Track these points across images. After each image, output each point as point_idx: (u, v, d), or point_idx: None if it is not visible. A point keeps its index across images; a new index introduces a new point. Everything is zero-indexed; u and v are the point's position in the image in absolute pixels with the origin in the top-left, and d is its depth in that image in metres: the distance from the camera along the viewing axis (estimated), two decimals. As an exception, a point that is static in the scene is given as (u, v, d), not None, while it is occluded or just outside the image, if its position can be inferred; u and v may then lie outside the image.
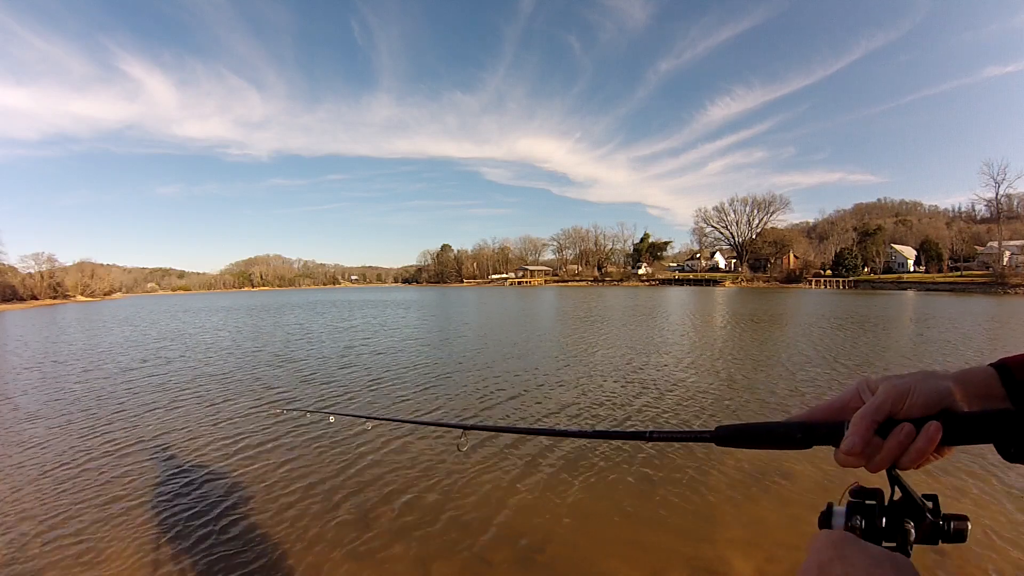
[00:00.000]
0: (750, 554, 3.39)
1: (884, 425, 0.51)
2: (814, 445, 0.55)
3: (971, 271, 60.72)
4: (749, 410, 6.97)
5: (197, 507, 4.27)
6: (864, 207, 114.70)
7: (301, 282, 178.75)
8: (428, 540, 3.67)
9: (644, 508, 4.06)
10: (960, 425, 0.50)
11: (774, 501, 4.10)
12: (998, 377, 0.54)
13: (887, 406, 0.52)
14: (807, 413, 0.58)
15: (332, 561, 3.44)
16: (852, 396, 0.56)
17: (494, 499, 4.27)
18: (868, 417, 0.52)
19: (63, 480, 4.96)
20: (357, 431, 6.13)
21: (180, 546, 3.66)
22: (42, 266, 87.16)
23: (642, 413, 6.89)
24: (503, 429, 1.17)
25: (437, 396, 8.14)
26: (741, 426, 0.59)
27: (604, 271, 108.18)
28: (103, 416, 7.37)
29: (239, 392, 8.72)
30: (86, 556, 3.56)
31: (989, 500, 4.06)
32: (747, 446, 0.58)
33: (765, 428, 0.58)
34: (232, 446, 5.84)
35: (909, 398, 0.51)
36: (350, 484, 4.65)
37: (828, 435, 0.54)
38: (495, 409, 7.27)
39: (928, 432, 0.49)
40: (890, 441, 0.50)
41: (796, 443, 0.56)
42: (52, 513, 4.24)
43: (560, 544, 3.58)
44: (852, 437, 0.51)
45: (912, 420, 0.51)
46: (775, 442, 0.57)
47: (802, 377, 8.95)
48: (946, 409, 0.51)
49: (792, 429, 0.56)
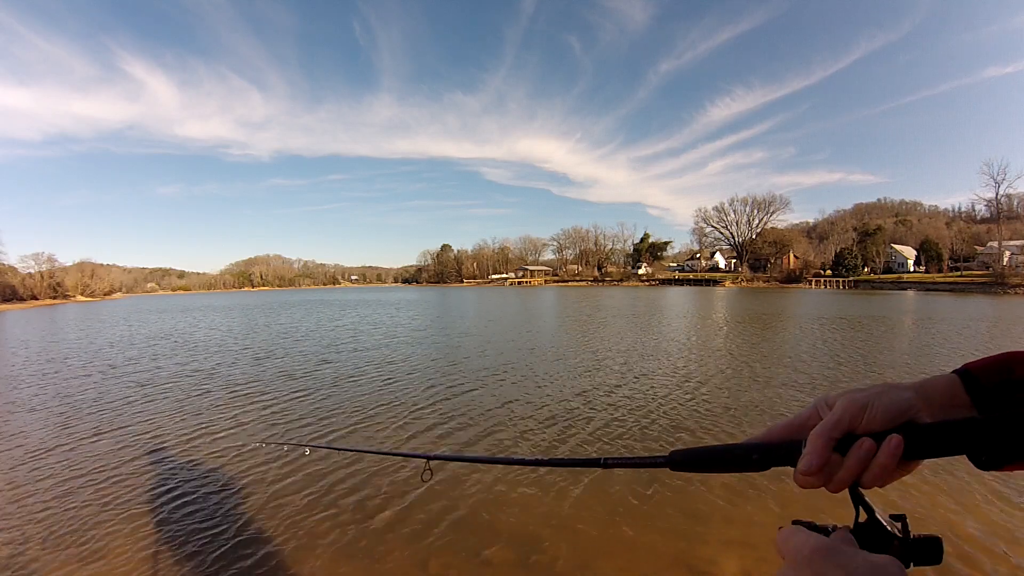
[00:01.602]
0: (745, 554, 3.40)
1: (843, 442, 0.49)
2: (771, 467, 0.53)
3: (971, 271, 60.71)
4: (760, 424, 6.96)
5: (190, 505, 4.29)
6: (864, 207, 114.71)
7: (301, 282, 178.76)
8: (427, 540, 3.69)
9: (641, 509, 4.07)
10: (924, 437, 0.47)
11: (770, 501, 4.11)
12: (962, 384, 0.52)
13: (845, 421, 0.49)
14: (764, 433, 0.56)
15: (332, 561, 3.45)
16: (811, 414, 0.54)
17: (491, 501, 4.28)
18: (825, 434, 0.49)
19: (61, 480, 4.98)
20: (353, 428, 6.13)
21: (177, 546, 3.68)
22: (42, 266, 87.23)
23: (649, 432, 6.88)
24: (466, 459, 1.17)
25: (400, 403, 8.13)
26: (696, 450, 0.58)
27: (604, 271, 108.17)
28: (89, 411, 7.39)
29: (229, 398, 8.73)
30: (85, 555, 3.57)
31: (961, 514, 3.98)
32: (702, 470, 0.57)
33: (720, 451, 0.56)
34: (229, 445, 5.86)
35: (868, 412, 0.49)
36: (350, 483, 4.67)
37: (785, 455, 0.52)
38: (465, 431, 6.36)
39: (889, 446, 0.47)
40: (850, 458, 0.48)
41: (752, 465, 0.54)
42: (51, 512, 4.26)
43: (558, 544, 3.59)
44: (809, 456, 0.49)
45: (872, 435, 0.48)
46: (731, 465, 0.56)
47: (821, 386, 8.93)
48: (909, 421, 0.49)
49: (748, 451, 0.54)
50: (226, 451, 5.68)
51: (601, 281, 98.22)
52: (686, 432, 6.05)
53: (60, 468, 5.29)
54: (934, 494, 4.20)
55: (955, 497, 4.15)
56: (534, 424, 6.49)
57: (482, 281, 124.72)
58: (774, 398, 7.53)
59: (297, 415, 7.18)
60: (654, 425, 6.33)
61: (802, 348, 12.50)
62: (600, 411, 7.01)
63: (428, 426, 6.49)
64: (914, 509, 3.96)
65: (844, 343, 13.20)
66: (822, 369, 9.73)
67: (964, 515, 3.87)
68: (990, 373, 0.52)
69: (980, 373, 0.52)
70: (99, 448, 5.92)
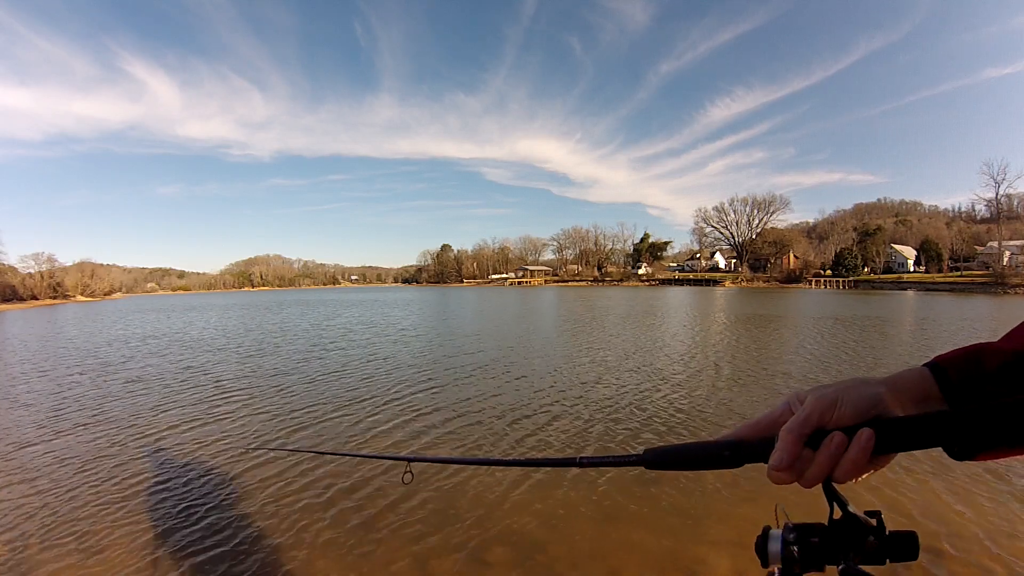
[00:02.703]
0: (739, 555, 3.36)
1: (814, 437, 0.49)
2: (744, 463, 0.54)
3: (971, 271, 60.68)
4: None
5: (184, 505, 4.25)
6: (864, 207, 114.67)
7: (301, 282, 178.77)
8: (426, 540, 3.64)
9: (639, 509, 4.03)
10: (894, 431, 0.47)
11: (764, 497, 4.06)
12: (933, 378, 0.52)
13: (815, 417, 0.49)
14: (737, 430, 0.56)
15: (332, 560, 3.41)
16: (783, 411, 0.54)
17: (487, 501, 4.23)
18: (795, 430, 0.49)
19: (58, 480, 4.94)
20: (350, 426, 6.08)
21: (174, 545, 3.64)
22: (42, 266, 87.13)
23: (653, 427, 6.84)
24: (445, 460, 1.13)
25: (384, 399, 8.10)
26: (669, 448, 0.58)
27: (604, 271, 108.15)
28: (77, 409, 7.35)
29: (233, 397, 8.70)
30: (85, 553, 3.53)
31: (935, 506, 3.93)
32: (676, 468, 0.57)
33: (693, 449, 0.56)
34: (223, 446, 5.81)
35: (838, 407, 0.49)
36: (349, 484, 4.62)
37: (758, 452, 0.52)
38: (444, 430, 6.35)
39: (860, 440, 0.47)
40: (820, 453, 0.48)
41: (725, 462, 0.54)
42: (50, 512, 4.22)
43: (556, 545, 3.55)
44: (779, 452, 0.49)
45: (843, 429, 0.48)
46: (703, 463, 0.56)
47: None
48: (879, 416, 0.49)
49: (720, 448, 0.54)
50: (201, 451, 5.64)
51: (601, 281, 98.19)
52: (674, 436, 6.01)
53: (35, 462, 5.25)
54: (908, 487, 4.16)
55: (931, 490, 4.10)
56: (515, 423, 6.45)
57: (482, 281, 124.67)
58: (766, 399, 7.49)
59: (279, 415, 7.14)
60: (632, 421, 6.29)
61: (806, 348, 12.46)
62: (581, 409, 6.97)
63: (408, 426, 6.39)
64: (888, 503, 3.92)
65: (845, 343, 13.16)
66: (823, 369, 9.69)
67: (941, 508, 3.83)
68: (960, 365, 0.52)
69: (949, 366, 0.52)
70: (73, 443, 5.88)
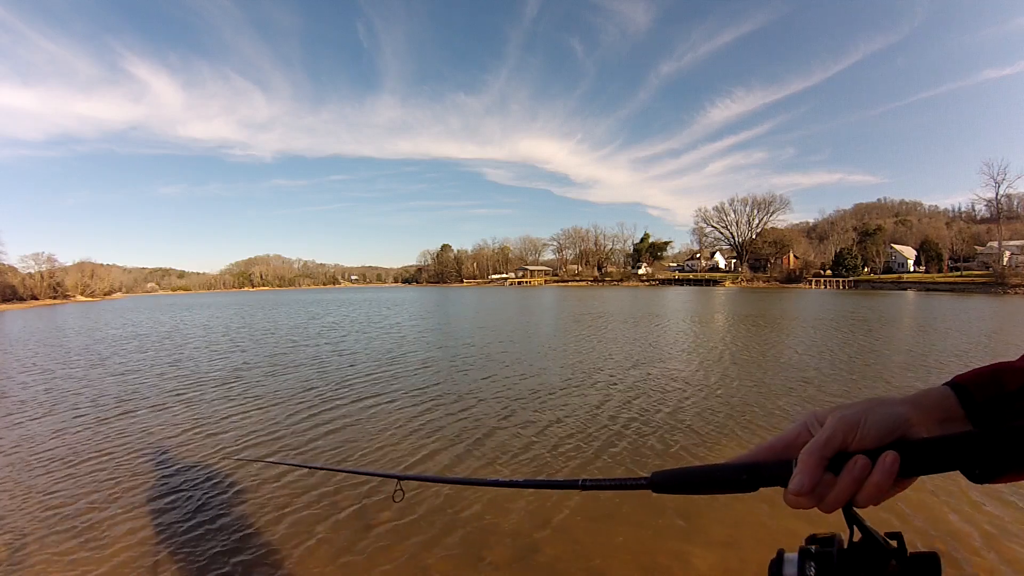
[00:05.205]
0: (732, 555, 3.34)
1: (835, 460, 0.47)
2: (760, 487, 0.51)
3: (971, 271, 60.62)
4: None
5: (181, 504, 4.23)
6: (864, 207, 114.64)
7: (301, 282, 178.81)
8: (426, 540, 3.62)
9: (638, 508, 4.01)
10: (919, 453, 0.45)
11: (761, 497, 4.03)
12: (955, 397, 0.51)
13: (837, 439, 0.47)
14: (752, 452, 0.53)
15: (331, 560, 3.39)
16: (800, 431, 0.52)
17: (486, 502, 4.21)
18: (816, 452, 0.47)
19: (56, 480, 4.92)
20: (347, 427, 6.05)
21: (172, 545, 3.62)
22: (42, 266, 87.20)
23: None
24: (438, 479, 1.10)
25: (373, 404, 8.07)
26: (679, 471, 0.55)
27: (604, 271, 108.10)
28: (71, 408, 7.33)
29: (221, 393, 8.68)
30: (85, 553, 3.51)
31: (961, 529, 3.74)
32: (687, 492, 0.54)
33: (706, 472, 0.54)
34: (218, 447, 5.78)
35: (861, 428, 0.47)
36: (347, 484, 4.60)
37: (775, 475, 0.49)
38: (437, 444, 6.54)
39: (884, 464, 0.45)
40: (843, 477, 0.46)
41: (741, 486, 0.51)
42: (48, 512, 4.19)
43: (555, 545, 3.53)
44: (800, 476, 0.46)
45: (866, 452, 0.46)
46: (717, 487, 0.53)
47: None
48: (902, 437, 0.47)
49: (736, 471, 0.52)
50: (186, 456, 5.62)
51: (601, 281, 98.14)
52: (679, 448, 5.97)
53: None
54: (932, 506, 4.12)
55: (951, 508, 4.03)
56: (517, 435, 6.40)
57: (482, 281, 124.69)
58: (777, 409, 7.45)
59: (279, 416, 7.12)
60: (637, 436, 6.26)
61: (807, 348, 12.43)
62: (585, 423, 6.94)
63: (399, 440, 5.91)
64: (901, 519, 3.85)
65: (846, 344, 13.13)
66: (825, 368, 9.67)
67: (964, 526, 3.75)
68: (982, 386, 0.51)
69: (972, 386, 0.51)
70: (73, 443, 5.86)
